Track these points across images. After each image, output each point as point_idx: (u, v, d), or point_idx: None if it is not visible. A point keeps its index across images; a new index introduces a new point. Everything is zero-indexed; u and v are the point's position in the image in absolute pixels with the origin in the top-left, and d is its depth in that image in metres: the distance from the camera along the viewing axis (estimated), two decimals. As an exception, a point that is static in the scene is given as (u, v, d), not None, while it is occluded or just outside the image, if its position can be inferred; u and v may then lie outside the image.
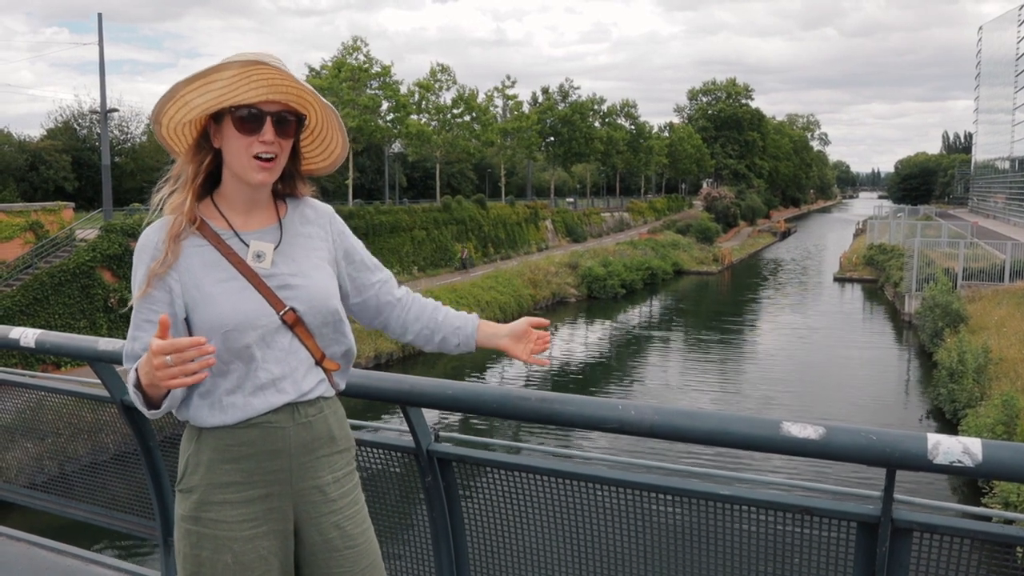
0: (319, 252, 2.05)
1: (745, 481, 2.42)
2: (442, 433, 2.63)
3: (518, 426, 19.01)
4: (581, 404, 2.19)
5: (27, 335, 3.10)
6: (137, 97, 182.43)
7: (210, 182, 1.99)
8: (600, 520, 2.44)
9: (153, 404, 1.85)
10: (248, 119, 1.86)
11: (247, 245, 1.95)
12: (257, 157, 1.88)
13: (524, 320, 2.15)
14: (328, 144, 2.04)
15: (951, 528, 2.04)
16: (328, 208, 2.14)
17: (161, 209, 1.95)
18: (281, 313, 1.92)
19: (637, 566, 2.44)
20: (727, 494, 2.25)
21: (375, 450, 2.76)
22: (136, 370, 1.83)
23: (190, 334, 1.92)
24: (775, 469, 15.54)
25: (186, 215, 1.92)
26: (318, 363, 1.99)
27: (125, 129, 49.53)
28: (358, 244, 2.16)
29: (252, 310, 1.90)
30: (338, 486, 2.02)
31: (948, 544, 2.06)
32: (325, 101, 1.92)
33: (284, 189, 2.05)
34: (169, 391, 1.82)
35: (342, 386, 2.11)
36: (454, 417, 20.53)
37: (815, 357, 30.76)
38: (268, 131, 1.87)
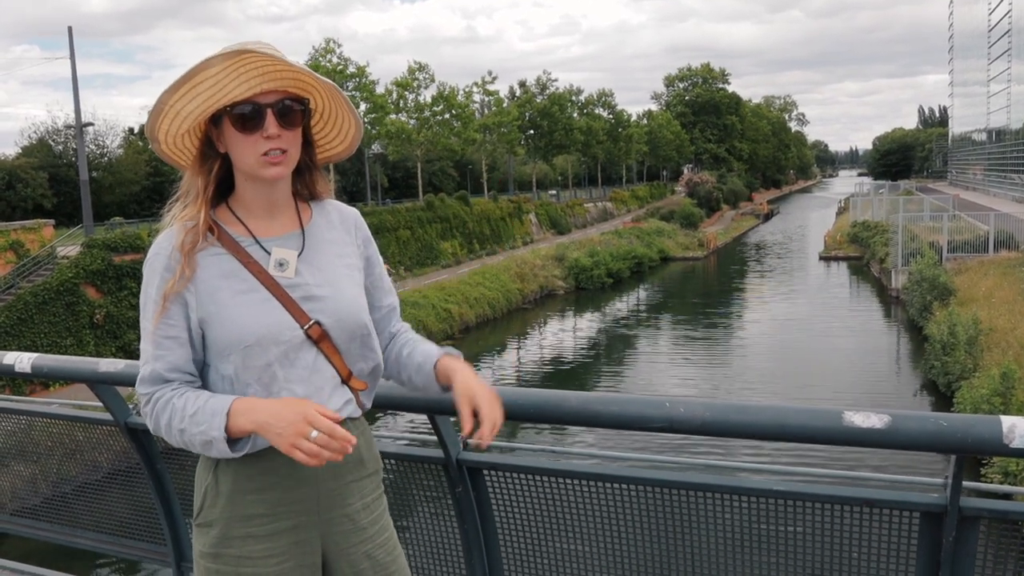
0: (346, 260, 1.88)
1: (798, 475, 2.30)
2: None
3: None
4: (625, 404, 2.05)
5: (22, 360, 2.93)
6: (112, 111, 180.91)
7: (223, 188, 1.82)
8: (645, 524, 2.31)
9: (231, 443, 1.68)
10: (246, 116, 1.70)
11: (268, 253, 1.79)
12: (265, 154, 1.71)
13: (484, 402, 1.81)
14: (340, 124, 1.86)
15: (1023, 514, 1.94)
16: (355, 212, 1.97)
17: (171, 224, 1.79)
18: (306, 327, 1.76)
19: (686, 571, 2.32)
20: (781, 490, 2.13)
21: (400, 463, 2.62)
22: (228, 411, 1.66)
23: (206, 351, 1.77)
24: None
25: (201, 230, 1.75)
26: (344, 382, 1.83)
27: (101, 143, 48.79)
28: (379, 258, 2.00)
29: (274, 324, 1.73)
30: (368, 512, 1.88)
31: (1021, 532, 1.95)
32: (327, 80, 1.74)
33: (304, 189, 1.89)
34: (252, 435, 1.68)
35: (368, 405, 1.95)
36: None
37: (805, 336, 30.80)
38: (271, 125, 1.70)
